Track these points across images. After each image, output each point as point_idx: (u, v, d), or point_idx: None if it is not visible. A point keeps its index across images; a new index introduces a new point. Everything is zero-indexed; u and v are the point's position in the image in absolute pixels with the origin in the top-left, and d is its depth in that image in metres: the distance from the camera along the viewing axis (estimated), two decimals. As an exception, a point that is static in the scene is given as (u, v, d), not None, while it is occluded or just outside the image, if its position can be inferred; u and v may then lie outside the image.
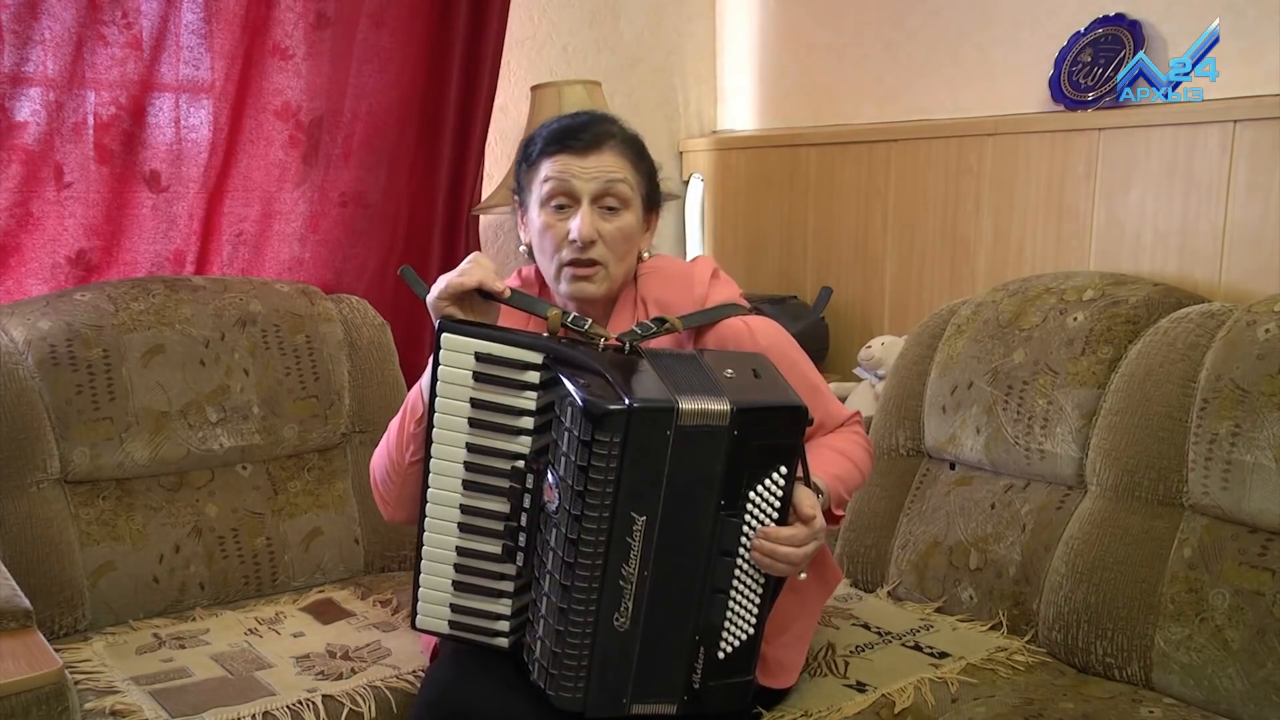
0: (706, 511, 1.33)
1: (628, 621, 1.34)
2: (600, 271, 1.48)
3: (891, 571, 2.03)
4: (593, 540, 1.30)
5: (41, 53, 2.04)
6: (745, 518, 1.35)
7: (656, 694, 1.39)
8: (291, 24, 2.27)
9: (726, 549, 1.35)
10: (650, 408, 1.28)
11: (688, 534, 1.34)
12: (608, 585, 1.32)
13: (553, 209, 1.49)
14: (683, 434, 1.29)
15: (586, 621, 1.33)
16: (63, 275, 2.12)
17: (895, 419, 2.12)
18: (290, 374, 2.08)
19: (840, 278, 2.74)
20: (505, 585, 1.41)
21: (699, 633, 1.37)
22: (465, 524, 1.40)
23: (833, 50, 2.79)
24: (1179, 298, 1.88)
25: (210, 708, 1.52)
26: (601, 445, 1.27)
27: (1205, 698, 1.57)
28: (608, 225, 1.47)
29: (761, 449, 1.33)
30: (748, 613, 1.39)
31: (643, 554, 1.32)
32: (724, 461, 1.31)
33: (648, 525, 1.31)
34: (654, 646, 1.36)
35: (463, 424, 1.37)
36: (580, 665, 1.34)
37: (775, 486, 1.35)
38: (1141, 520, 1.71)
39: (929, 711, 1.56)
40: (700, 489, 1.33)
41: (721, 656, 1.39)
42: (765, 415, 1.33)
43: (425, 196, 2.51)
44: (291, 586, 2.03)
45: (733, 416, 1.30)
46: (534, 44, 2.78)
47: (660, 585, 1.34)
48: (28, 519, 1.82)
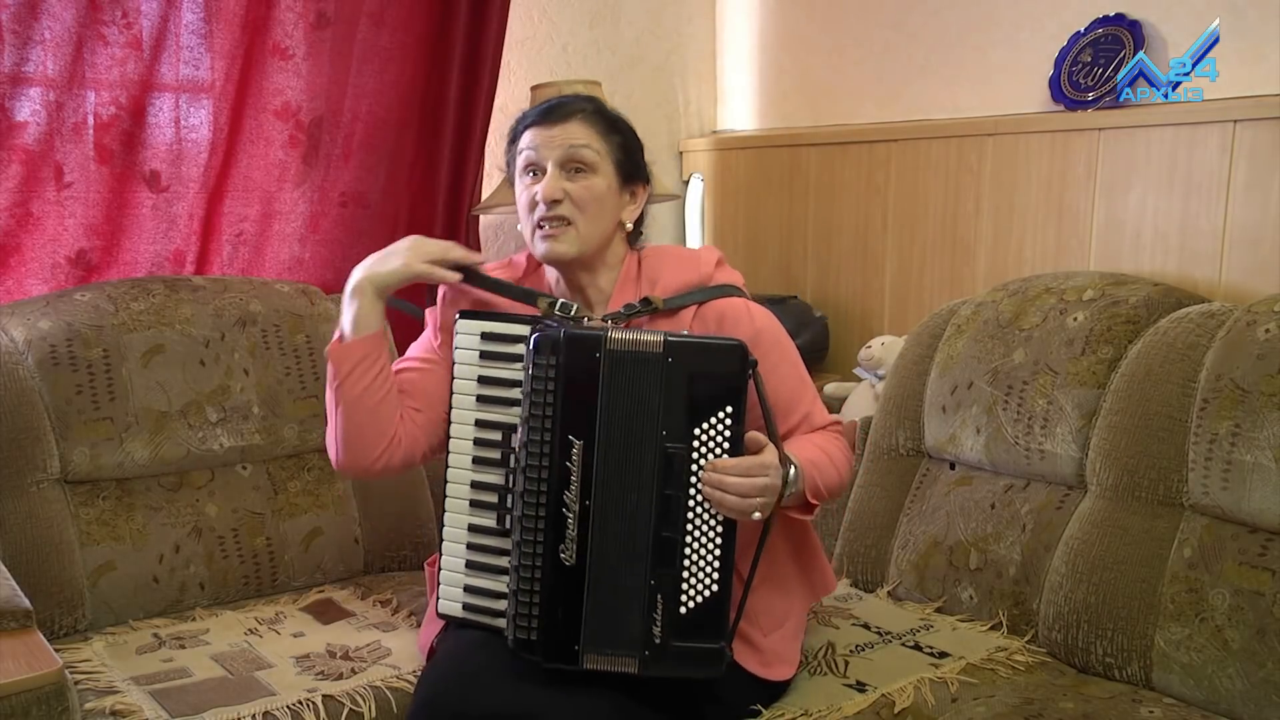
0: (648, 443, 1.39)
1: (572, 556, 1.39)
2: (570, 231, 1.53)
3: (891, 571, 2.03)
4: (535, 465, 1.39)
5: (41, 53, 2.04)
6: (692, 453, 1.39)
7: (614, 645, 1.40)
8: (291, 24, 2.27)
9: (674, 482, 1.39)
10: (581, 333, 1.41)
11: (629, 466, 1.39)
12: (550, 515, 1.39)
13: (528, 177, 1.57)
14: (613, 358, 1.39)
15: (535, 554, 1.39)
16: (63, 275, 2.12)
17: (895, 419, 2.12)
18: (290, 374, 2.08)
19: (840, 278, 2.74)
20: (504, 561, 1.46)
21: (654, 578, 1.39)
22: (474, 500, 1.49)
23: (833, 50, 2.79)
24: (1179, 298, 1.88)
25: (210, 708, 1.52)
26: (539, 369, 1.39)
27: (1205, 698, 1.57)
28: (574, 185, 1.53)
29: (700, 382, 1.39)
30: (707, 565, 1.40)
31: (582, 481, 1.39)
32: (661, 390, 1.38)
33: (585, 450, 1.39)
34: (604, 586, 1.39)
35: (473, 402, 1.49)
36: (532, 604, 1.39)
37: (722, 424, 1.39)
38: (1141, 520, 1.71)
39: (929, 711, 1.56)
40: (639, 419, 1.39)
41: (684, 612, 1.40)
42: (699, 347, 1.41)
43: (425, 196, 2.51)
44: (291, 586, 2.03)
45: (665, 345, 1.39)
46: (534, 44, 2.78)
47: (604, 518, 1.39)
48: (28, 519, 1.82)
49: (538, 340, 1.40)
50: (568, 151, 1.53)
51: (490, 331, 1.48)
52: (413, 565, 2.16)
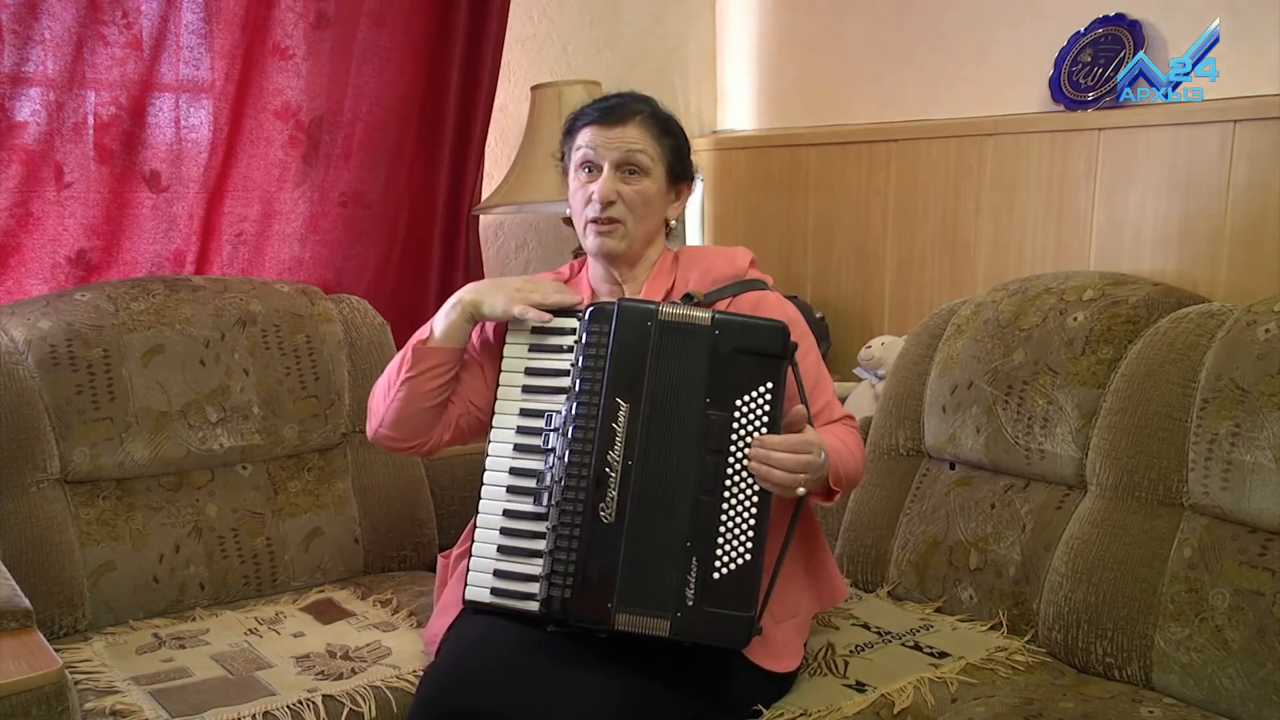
0: (692, 409, 1.45)
1: (612, 514, 1.44)
2: (620, 229, 1.63)
3: (891, 571, 2.03)
4: (583, 427, 1.46)
5: (41, 53, 2.04)
6: (733, 422, 1.45)
7: (647, 604, 1.42)
8: (291, 24, 2.27)
9: (715, 446, 1.44)
10: (635, 305, 1.50)
11: (673, 429, 1.46)
12: (594, 473, 1.45)
13: (583, 173, 1.66)
14: (663, 328, 1.47)
15: (575, 512, 1.45)
16: (63, 275, 2.12)
17: (895, 419, 2.12)
18: (290, 374, 2.08)
19: (840, 278, 2.74)
20: (539, 544, 1.50)
21: (690, 539, 1.43)
22: (512, 486, 1.54)
23: (833, 50, 2.79)
24: (1179, 298, 1.88)
25: (210, 708, 1.52)
26: (593, 336, 1.48)
27: (1205, 698, 1.57)
28: (627, 188, 1.63)
29: (745, 356, 1.46)
30: (742, 532, 1.44)
31: (627, 441, 1.45)
32: (707, 361, 1.45)
33: (631, 412, 1.45)
34: (642, 544, 1.43)
35: (518, 393, 1.56)
36: (569, 560, 1.45)
37: (763, 399, 1.46)
38: (1141, 520, 1.71)
39: (929, 711, 1.56)
40: (686, 386, 1.46)
41: (717, 577, 1.42)
42: (746, 325, 1.48)
43: (425, 196, 2.51)
44: (291, 586, 2.03)
45: (713, 320, 1.47)
46: (534, 44, 2.78)
47: (646, 478, 1.45)
48: (28, 519, 1.82)
49: (593, 311, 1.49)
50: (624, 155, 1.62)
51: (541, 327, 1.57)
52: (413, 565, 2.16)
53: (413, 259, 2.50)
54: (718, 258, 1.72)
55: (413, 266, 2.51)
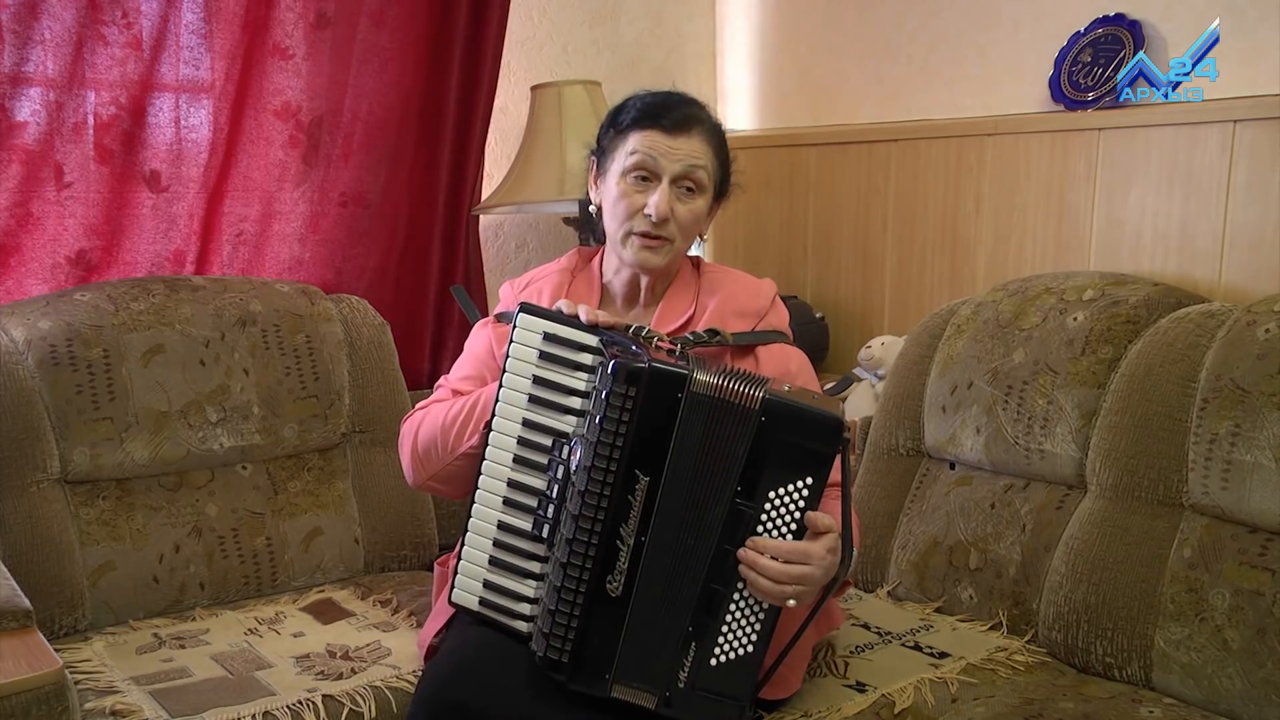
0: (720, 493, 1.35)
1: (620, 587, 1.36)
2: (667, 246, 1.56)
3: (891, 571, 2.03)
4: (596, 493, 1.35)
5: (41, 53, 2.04)
6: (762, 514, 1.35)
7: (640, 679, 1.38)
8: (291, 24, 2.27)
9: (733, 541, 1.35)
10: (664, 369, 1.35)
11: (693, 509, 1.36)
12: (604, 544, 1.35)
13: (634, 179, 1.55)
14: (694, 400, 1.34)
15: (581, 579, 1.36)
16: (63, 275, 2.12)
17: (895, 419, 2.12)
18: (290, 374, 2.08)
19: (840, 278, 2.74)
20: (533, 566, 1.43)
21: (693, 625, 1.37)
22: (509, 499, 1.45)
23: (833, 50, 2.79)
24: (1179, 298, 1.88)
25: (210, 708, 1.52)
26: (617, 397, 1.33)
27: (1205, 698, 1.57)
28: (682, 206, 1.55)
29: (791, 449, 1.34)
30: (749, 626, 1.38)
31: (642, 517, 1.35)
32: (746, 449, 1.34)
33: (650, 487, 1.35)
34: (644, 623, 1.37)
35: (523, 400, 1.44)
36: (570, 626, 1.37)
37: (799, 495, 1.35)
38: (1141, 520, 1.71)
39: (929, 711, 1.56)
40: (718, 470, 1.35)
41: (714, 664, 1.38)
42: (799, 416, 1.34)
43: (425, 196, 2.50)
44: (291, 586, 2.03)
45: (763, 405, 1.34)
46: (534, 44, 2.78)
47: (657, 556, 1.36)
48: (28, 519, 1.82)
49: (616, 367, 1.33)
50: (686, 168, 1.54)
51: (554, 334, 1.43)
52: (413, 565, 2.16)
53: (413, 259, 2.50)
54: (743, 289, 1.65)
55: (413, 266, 2.51)
